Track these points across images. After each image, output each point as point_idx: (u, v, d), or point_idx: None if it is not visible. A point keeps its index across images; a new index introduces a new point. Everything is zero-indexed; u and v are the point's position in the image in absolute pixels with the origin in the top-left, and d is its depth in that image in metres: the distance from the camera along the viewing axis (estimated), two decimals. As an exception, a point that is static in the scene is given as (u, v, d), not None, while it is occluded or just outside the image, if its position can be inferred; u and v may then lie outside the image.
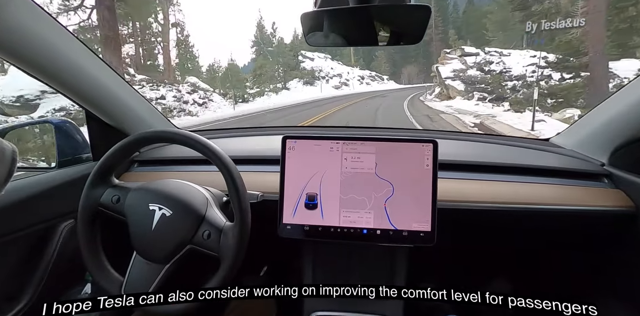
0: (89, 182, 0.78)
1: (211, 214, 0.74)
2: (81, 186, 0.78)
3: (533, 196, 0.90)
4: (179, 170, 1.08)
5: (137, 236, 0.74)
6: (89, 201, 0.77)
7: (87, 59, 0.88)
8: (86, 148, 1.08)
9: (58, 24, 0.78)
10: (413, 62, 50.26)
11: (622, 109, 0.87)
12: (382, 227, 0.82)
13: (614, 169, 0.94)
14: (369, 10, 0.71)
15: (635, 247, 0.88)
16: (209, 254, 0.71)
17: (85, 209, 0.77)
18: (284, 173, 0.85)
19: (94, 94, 0.95)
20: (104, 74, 0.94)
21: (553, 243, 1.11)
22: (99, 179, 0.78)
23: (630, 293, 0.93)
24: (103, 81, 0.94)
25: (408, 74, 48.13)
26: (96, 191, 0.78)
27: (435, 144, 0.81)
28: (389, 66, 49.59)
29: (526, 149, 1.15)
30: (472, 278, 1.34)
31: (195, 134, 0.75)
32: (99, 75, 0.92)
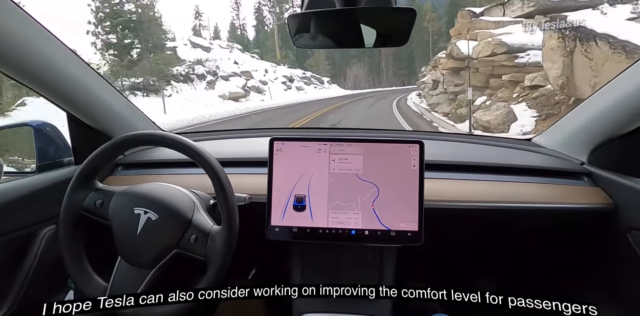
0: (71, 185, 0.76)
1: (198, 218, 0.73)
2: (62, 190, 0.76)
3: (516, 195, 0.92)
4: (164, 173, 1.07)
5: (121, 240, 0.72)
6: (71, 205, 0.75)
7: (66, 58, 0.86)
8: (67, 152, 1.05)
9: (34, 21, 0.75)
10: (356, 62, 42.82)
11: (600, 110, 0.90)
12: (370, 227, 0.82)
13: (593, 168, 0.97)
14: (355, 12, 0.72)
15: (614, 243, 0.90)
16: (196, 258, 0.70)
17: (68, 213, 0.75)
18: (272, 175, 0.84)
19: (75, 95, 0.92)
20: (85, 74, 0.92)
21: (537, 241, 1.13)
22: (81, 183, 0.76)
23: (612, 288, 0.95)
24: (84, 81, 0.92)
25: (354, 77, 40.16)
26: (79, 195, 0.76)
27: (422, 145, 0.82)
28: (330, 65, 40.87)
29: (509, 149, 1.17)
30: (459, 276, 1.36)
31: (181, 136, 0.74)
32: (79, 75, 0.90)
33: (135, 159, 1.13)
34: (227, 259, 0.69)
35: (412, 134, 1.61)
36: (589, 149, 0.99)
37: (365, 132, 1.46)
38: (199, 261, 0.70)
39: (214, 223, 0.73)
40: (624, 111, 0.83)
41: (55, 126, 1.06)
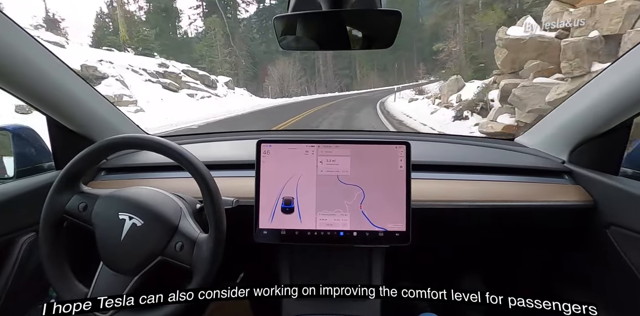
0: (53, 187, 0.73)
1: (185, 224, 0.72)
2: (42, 196, 0.73)
3: (500, 194, 0.94)
4: (149, 177, 1.05)
5: (104, 246, 0.70)
6: (53, 208, 0.72)
7: (44, 59, 0.83)
8: (47, 157, 1.02)
9: (10, 21, 0.73)
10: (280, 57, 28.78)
11: (579, 111, 0.93)
12: (359, 228, 0.82)
13: (574, 166, 1.00)
14: (341, 14, 0.72)
15: (595, 239, 0.93)
16: (181, 266, 0.69)
17: (49, 216, 0.72)
18: (259, 178, 0.84)
19: (54, 98, 0.89)
20: (64, 76, 0.89)
21: (522, 239, 1.16)
22: (64, 185, 0.74)
23: (593, 283, 0.98)
24: (63, 83, 0.89)
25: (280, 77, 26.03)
26: (61, 198, 0.73)
27: (408, 146, 0.83)
28: (233, 57, 25.03)
29: (492, 148, 1.20)
30: (447, 275, 1.38)
31: (165, 139, 0.73)
32: (59, 77, 0.87)
33: (119, 163, 1.10)
34: (213, 268, 0.68)
35: (398, 135, 1.63)
36: (569, 148, 1.01)
37: (352, 133, 1.46)
38: (184, 269, 0.69)
39: (200, 230, 0.72)
40: (602, 111, 0.86)
41: (35, 130, 1.03)
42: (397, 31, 0.73)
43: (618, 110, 0.82)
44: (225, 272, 0.75)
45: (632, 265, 0.81)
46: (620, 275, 0.85)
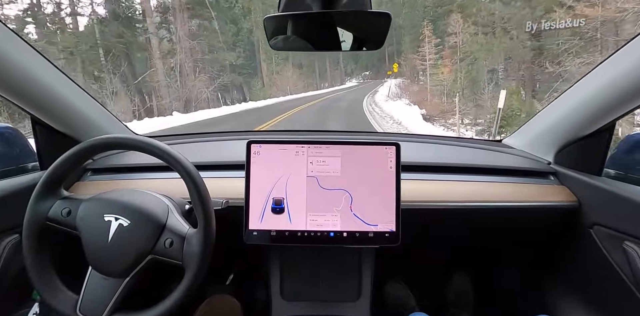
0: (34, 194, 0.71)
1: (173, 221, 0.71)
2: (26, 197, 0.71)
3: (488, 194, 0.96)
4: (137, 178, 1.03)
5: (92, 250, 0.68)
6: (35, 216, 0.70)
7: (27, 56, 0.81)
8: (32, 157, 1.00)
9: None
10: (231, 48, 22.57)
11: (564, 113, 0.95)
12: (349, 229, 0.83)
13: (559, 167, 1.02)
14: (332, 15, 0.73)
15: (580, 238, 0.95)
16: (172, 263, 0.68)
17: (31, 224, 0.70)
18: (249, 178, 0.83)
19: (38, 96, 0.87)
20: (48, 73, 0.87)
21: (509, 239, 1.17)
22: (46, 191, 0.72)
23: (579, 282, 1.00)
24: (48, 81, 0.87)
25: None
26: (43, 204, 0.71)
27: (398, 147, 0.84)
28: None
29: (480, 149, 1.21)
30: (436, 275, 1.39)
31: (153, 139, 0.72)
32: (43, 74, 0.85)
33: (106, 163, 1.08)
34: (205, 262, 0.67)
35: (388, 136, 1.64)
36: (555, 150, 1.04)
37: (342, 134, 1.47)
38: (175, 266, 0.68)
39: (189, 226, 0.71)
40: (586, 114, 0.88)
41: (19, 130, 1.00)
42: (387, 32, 0.74)
43: (601, 113, 0.84)
44: (214, 273, 0.74)
45: (616, 264, 0.83)
46: (605, 274, 0.87)
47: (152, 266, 0.69)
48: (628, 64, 0.74)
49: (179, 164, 0.69)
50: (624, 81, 0.75)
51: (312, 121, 11.20)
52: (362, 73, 56.67)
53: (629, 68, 0.73)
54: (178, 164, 0.69)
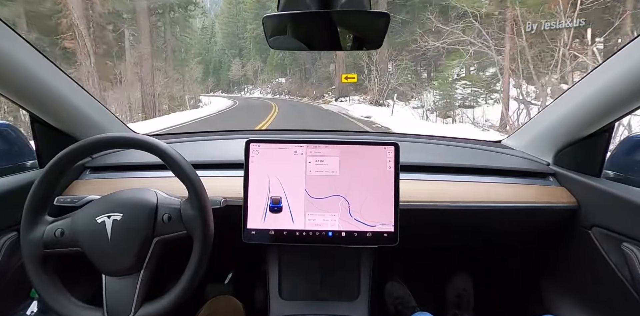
0: (23, 227, 0.69)
1: (163, 200, 0.72)
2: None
3: (487, 195, 0.96)
4: (135, 176, 1.03)
5: (97, 256, 0.68)
6: (32, 247, 0.68)
7: (27, 54, 0.81)
8: (30, 155, 1.00)
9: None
10: None
11: (564, 114, 0.95)
12: (347, 229, 0.83)
13: (558, 168, 1.02)
14: (331, 15, 0.72)
15: (578, 240, 0.95)
16: (178, 236, 0.69)
17: (32, 257, 0.68)
18: (248, 177, 0.83)
19: (37, 94, 0.87)
20: (48, 72, 0.87)
21: (508, 240, 1.17)
22: (34, 218, 0.70)
23: (577, 282, 1.00)
24: (47, 79, 0.86)
25: None
26: (35, 234, 0.69)
27: (397, 147, 0.84)
28: None
29: (479, 150, 1.21)
30: (434, 275, 1.39)
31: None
32: (42, 72, 0.85)
33: (105, 162, 1.08)
34: (208, 223, 0.68)
35: (387, 136, 1.64)
36: (554, 151, 1.03)
37: (341, 134, 1.47)
38: (182, 239, 0.69)
39: (180, 198, 0.72)
40: (585, 115, 0.88)
41: (16, 128, 1.00)
42: (386, 33, 0.74)
43: (600, 114, 0.84)
44: (213, 272, 0.74)
45: (614, 265, 0.83)
46: (603, 275, 0.87)
47: (162, 251, 0.70)
48: (627, 65, 0.73)
49: (175, 162, 0.69)
50: (624, 83, 0.75)
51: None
52: (275, 80, 31.80)
53: (628, 69, 0.73)
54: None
